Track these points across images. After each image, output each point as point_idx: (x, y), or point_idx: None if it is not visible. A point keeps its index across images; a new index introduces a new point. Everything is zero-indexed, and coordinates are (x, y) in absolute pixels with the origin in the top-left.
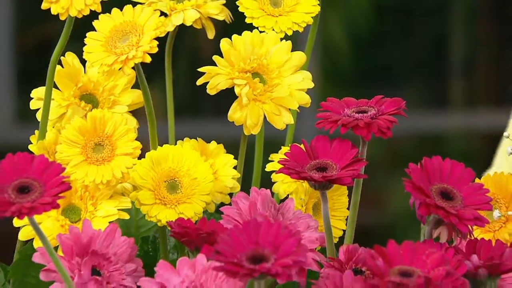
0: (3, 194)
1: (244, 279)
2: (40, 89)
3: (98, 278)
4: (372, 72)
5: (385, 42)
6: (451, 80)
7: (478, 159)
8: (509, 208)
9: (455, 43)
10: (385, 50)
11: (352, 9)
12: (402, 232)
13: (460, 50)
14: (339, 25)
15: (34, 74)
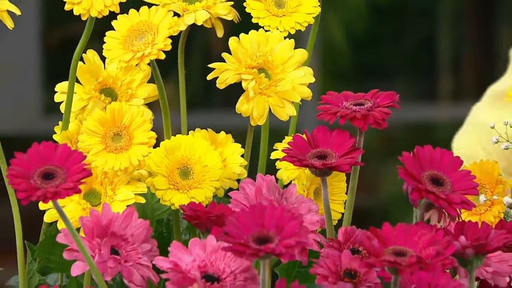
0: (30, 180)
1: (250, 258)
2: (64, 83)
3: (117, 257)
4: (368, 68)
5: (380, 41)
6: (439, 75)
7: None
8: (494, 193)
9: (443, 42)
10: (380, 48)
11: (350, 11)
12: (395, 214)
13: (448, 48)
14: (338, 25)
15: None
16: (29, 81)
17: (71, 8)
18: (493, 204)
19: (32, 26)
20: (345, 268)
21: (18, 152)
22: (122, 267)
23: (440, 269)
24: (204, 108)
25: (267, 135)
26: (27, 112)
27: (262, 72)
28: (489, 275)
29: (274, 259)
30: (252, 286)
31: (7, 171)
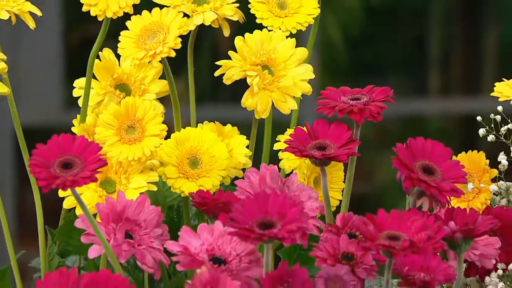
0: (50, 169)
1: (254, 242)
2: (82, 79)
3: (130, 241)
4: (363, 65)
5: (374, 40)
6: (429, 71)
7: (452, 137)
8: (481, 181)
9: (433, 41)
10: (374, 47)
11: (346, 12)
12: (389, 200)
13: (437, 47)
14: (335, 26)
15: (79, 67)
16: (51, 77)
17: (88, 10)
18: (480, 191)
19: (54, 27)
20: (343, 251)
21: (39, 143)
22: (135, 250)
23: (431, 252)
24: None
25: (270, 127)
26: (49, 106)
27: (265, 69)
28: (476, 258)
29: (277, 243)
30: (256, 268)
31: (29, 161)
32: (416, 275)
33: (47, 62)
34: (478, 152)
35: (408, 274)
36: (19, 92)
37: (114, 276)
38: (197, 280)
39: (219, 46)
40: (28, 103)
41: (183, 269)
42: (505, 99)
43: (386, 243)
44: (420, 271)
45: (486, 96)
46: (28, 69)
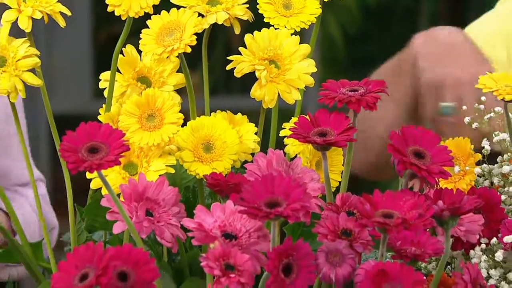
0: (78, 154)
1: (262, 219)
2: (107, 73)
3: (151, 218)
4: (360, 60)
5: (370, 37)
6: None
7: None
8: (467, 164)
9: None
10: (370, 43)
11: (345, 12)
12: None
13: None
14: (335, 24)
15: (107, 61)
16: (82, 70)
17: (113, 10)
18: (466, 174)
19: (85, 25)
20: (342, 227)
21: (69, 131)
22: (155, 227)
23: (422, 229)
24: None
25: (276, 116)
26: (80, 96)
27: (272, 63)
28: (462, 233)
29: (282, 220)
30: (264, 242)
31: (60, 146)
32: (408, 249)
33: (78, 57)
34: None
35: (401, 248)
36: (53, 84)
37: (136, 250)
38: (210, 253)
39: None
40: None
41: (198, 243)
42: (488, 91)
43: (381, 220)
44: (412, 245)
45: None
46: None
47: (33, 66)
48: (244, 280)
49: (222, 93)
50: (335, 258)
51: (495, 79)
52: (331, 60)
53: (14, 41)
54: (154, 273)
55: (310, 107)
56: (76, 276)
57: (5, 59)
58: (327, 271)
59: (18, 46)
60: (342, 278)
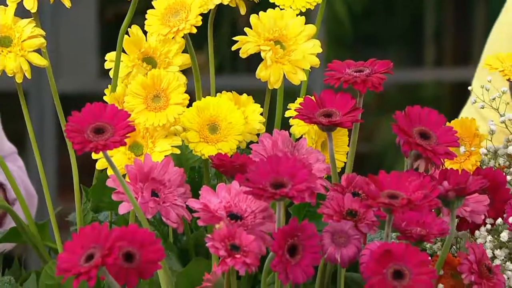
0: (84, 134)
1: (267, 200)
2: (112, 53)
3: (156, 199)
4: (365, 39)
5: (375, 16)
6: (425, 44)
7: (445, 103)
8: (472, 145)
9: (428, 16)
10: (375, 22)
11: None
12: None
13: (432, 22)
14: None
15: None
16: (89, 49)
17: None
18: (471, 154)
19: (91, 5)
20: (347, 208)
21: (74, 111)
22: (160, 207)
23: (427, 209)
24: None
25: (282, 96)
26: (86, 75)
27: (277, 44)
28: (467, 214)
29: (288, 200)
30: (269, 223)
31: (65, 127)
32: (413, 230)
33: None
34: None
35: (406, 229)
36: (59, 63)
37: (141, 230)
38: (216, 234)
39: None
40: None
41: (204, 224)
42: (493, 71)
43: (386, 201)
44: (417, 226)
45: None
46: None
47: (39, 47)
48: (250, 260)
49: (227, 72)
50: (341, 238)
51: (501, 59)
52: (337, 39)
53: (19, 22)
54: (159, 253)
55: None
56: (82, 256)
57: (11, 39)
58: (332, 251)
59: (23, 27)
60: (347, 258)
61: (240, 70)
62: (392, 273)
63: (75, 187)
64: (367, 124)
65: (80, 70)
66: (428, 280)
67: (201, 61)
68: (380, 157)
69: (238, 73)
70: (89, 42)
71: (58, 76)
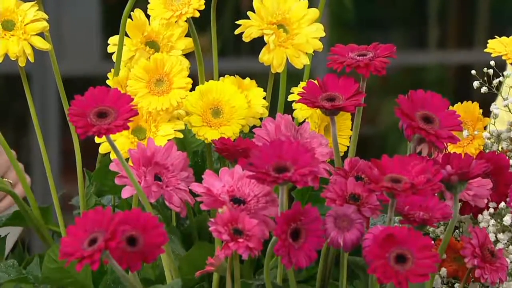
0: (87, 118)
1: (270, 184)
2: (115, 37)
3: (159, 183)
4: (369, 21)
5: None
6: (428, 26)
7: (448, 86)
8: (475, 129)
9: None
10: (378, 4)
11: None
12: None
13: (436, 3)
14: None
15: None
16: (92, 32)
17: None
18: (474, 138)
19: None
20: (350, 192)
21: (77, 95)
22: (163, 191)
23: (430, 193)
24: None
25: (285, 80)
26: (89, 58)
27: (281, 27)
28: (470, 198)
29: (291, 184)
30: (272, 207)
31: (68, 111)
32: (416, 214)
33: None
34: (472, 103)
35: (409, 213)
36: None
37: (144, 214)
38: (219, 218)
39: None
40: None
41: (206, 208)
42: (497, 55)
43: (389, 185)
44: (420, 210)
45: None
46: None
47: (42, 30)
48: (252, 244)
49: (231, 55)
50: (343, 222)
51: (504, 43)
52: (340, 22)
53: (22, 5)
54: (162, 237)
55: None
56: (85, 240)
57: (14, 23)
58: (335, 235)
59: (26, 10)
60: (350, 242)
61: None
62: (395, 257)
63: (78, 170)
64: (370, 107)
65: (83, 53)
66: (430, 264)
67: (204, 44)
68: (383, 139)
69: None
70: (92, 25)
71: (61, 59)
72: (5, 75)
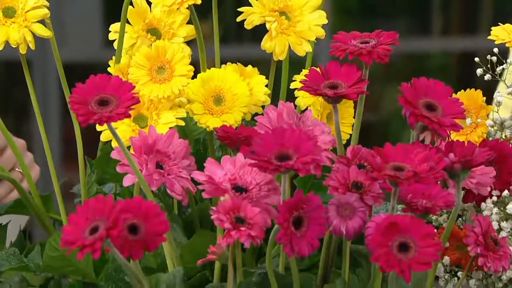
0: (87, 106)
1: (273, 173)
2: (116, 24)
3: (161, 171)
4: (372, 8)
5: None
6: (432, 13)
7: (452, 72)
8: (478, 117)
9: None
10: None
11: None
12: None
13: None
14: None
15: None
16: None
17: None
18: (478, 126)
19: None
20: (353, 180)
21: (78, 83)
22: (165, 179)
23: (433, 181)
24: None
25: (287, 68)
26: (91, 45)
27: (283, 15)
28: (473, 186)
29: (293, 173)
30: (274, 195)
31: (69, 98)
32: (419, 202)
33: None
34: (476, 89)
35: (412, 201)
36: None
37: (146, 202)
38: (220, 206)
39: None
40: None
41: (208, 196)
42: (500, 42)
43: (392, 173)
44: (423, 198)
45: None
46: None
47: (43, 17)
48: (255, 233)
49: (233, 42)
50: (346, 211)
51: (507, 30)
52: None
53: None
54: (164, 225)
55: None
56: (86, 228)
57: (15, 10)
58: (337, 224)
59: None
60: (353, 231)
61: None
62: (398, 245)
63: (80, 158)
64: (373, 94)
65: (84, 40)
66: (433, 252)
67: (205, 30)
68: (386, 126)
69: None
70: (93, 12)
71: (62, 45)
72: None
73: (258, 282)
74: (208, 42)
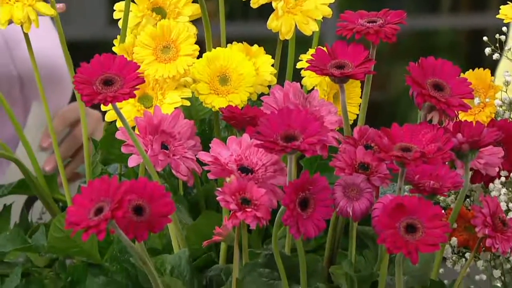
0: (92, 86)
1: (279, 153)
2: (121, 3)
3: (166, 152)
4: None
5: None
6: None
7: (460, 50)
8: (487, 96)
9: None
10: None
11: None
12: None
13: None
14: None
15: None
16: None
17: None
18: (486, 106)
19: None
20: (360, 161)
21: (83, 62)
22: (170, 160)
23: (440, 162)
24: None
25: (293, 47)
26: (96, 23)
27: None
28: (481, 166)
29: (299, 153)
30: (281, 176)
31: (73, 78)
32: (426, 183)
33: None
34: (484, 68)
35: (419, 182)
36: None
37: (151, 183)
38: (226, 187)
39: None
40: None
41: (214, 177)
42: (509, 21)
43: (399, 154)
44: (430, 179)
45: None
46: None
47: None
48: (260, 214)
49: (239, 19)
50: (353, 192)
51: None
52: None
53: None
54: (169, 206)
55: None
56: (91, 209)
57: None
58: (344, 205)
59: None
60: (360, 212)
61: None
62: (405, 226)
63: (84, 138)
64: (380, 72)
65: (88, 19)
66: (441, 233)
67: (211, 8)
68: (393, 105)
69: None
70: None
71: (66, 24)
72: None
73: (264, 264)
74: (214, 20)
